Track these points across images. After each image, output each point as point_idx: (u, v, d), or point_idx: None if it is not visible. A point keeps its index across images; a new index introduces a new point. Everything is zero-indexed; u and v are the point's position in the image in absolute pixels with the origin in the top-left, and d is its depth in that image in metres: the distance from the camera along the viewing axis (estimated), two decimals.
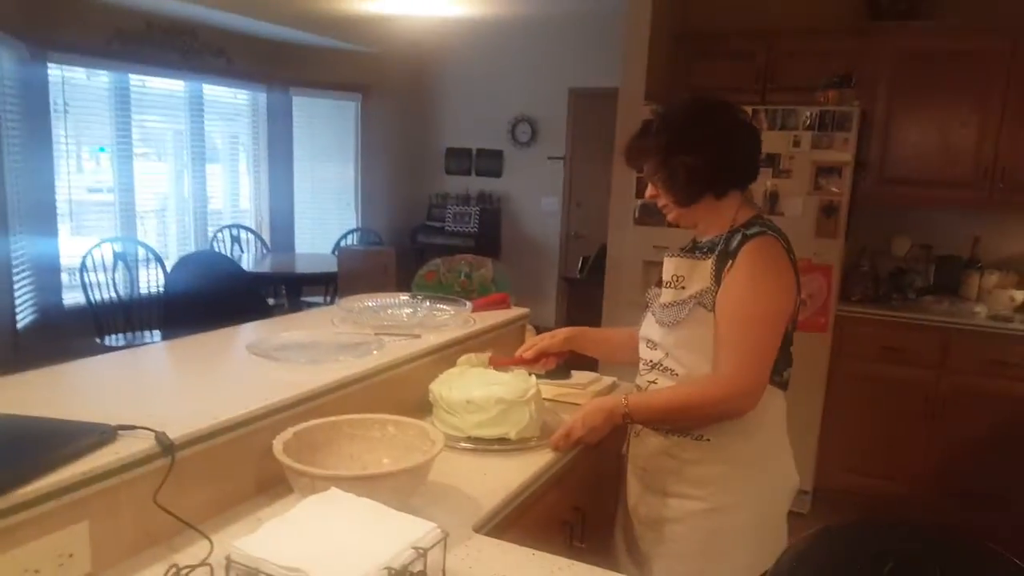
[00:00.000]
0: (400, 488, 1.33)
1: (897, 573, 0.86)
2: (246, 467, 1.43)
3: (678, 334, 1.67)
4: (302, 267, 5.70)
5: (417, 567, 1.04)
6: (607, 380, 2.19)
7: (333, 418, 1.50)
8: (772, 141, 3.62)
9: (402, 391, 1.84)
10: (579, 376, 2.16)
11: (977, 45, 3.77)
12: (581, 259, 5.66)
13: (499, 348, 2.28)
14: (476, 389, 1.74)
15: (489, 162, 7.10)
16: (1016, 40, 3.68)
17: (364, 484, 1.26)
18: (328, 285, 5.54)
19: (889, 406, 3.74)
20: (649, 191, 1.74)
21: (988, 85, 3.76)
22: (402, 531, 1.08)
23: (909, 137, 3.95)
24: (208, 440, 1.31)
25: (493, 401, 1.69)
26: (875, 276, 4.04)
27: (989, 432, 3.58)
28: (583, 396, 2.05)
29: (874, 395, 3.77)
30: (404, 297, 2.36)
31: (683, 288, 1.68)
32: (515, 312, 2.43)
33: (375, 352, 1.80)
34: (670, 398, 1.67)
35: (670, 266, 1.74)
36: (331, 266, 5.43)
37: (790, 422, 1.74)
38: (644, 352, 1.80)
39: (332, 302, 5.41)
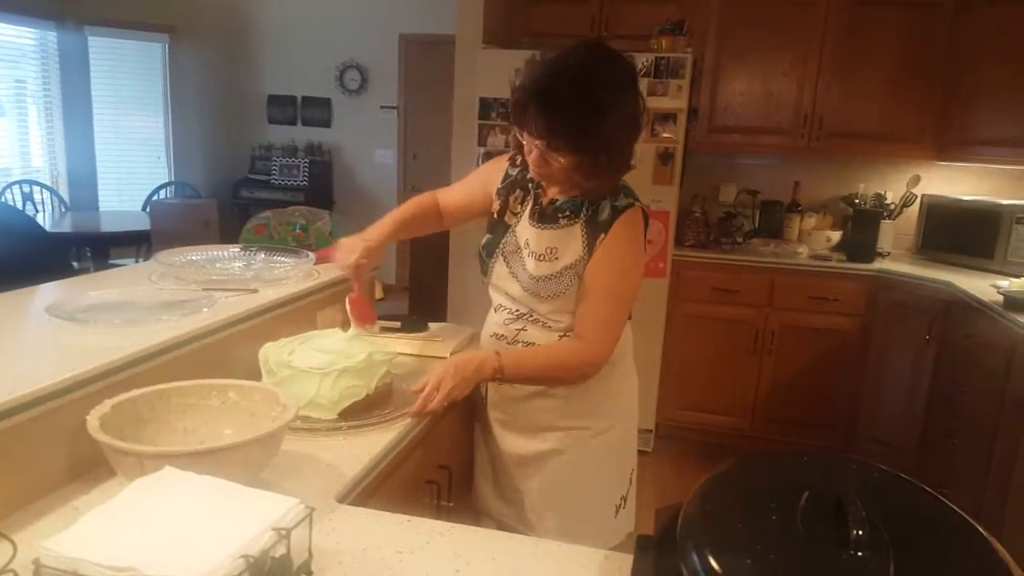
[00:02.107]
0: (248, 462, 1.15)
1: (814, 502, 0.82)
2: (54, 450, 1.20)
3: (553, 303, 1.66)
4: (108, 225, 5.12)
5: (279, 551, 0.88)
6: (466, 330, 2.07)
7: (160, 386, 1.28)
8: None
9: (240, 354, 1.63)
10: (436, 328, 2.03)
11: None
12: None
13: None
14: (284, 350, 1.54)
15: (316, 111, 6.71)
16: None
17: (205, 460, 1.07)
18: (140, 244, 5.02)
19: (723, 344, 3.91)
20: (536, 158, 1.55)
21: (807, 35, 3.93)
22: (257, 510, 0.91)
23: (736, 86, 4.08)
24: (1, 420, 1.07)
25: (283, 365, 1.49)
26: (706, 221, 4.18)
27: (812, 363, 3.83)
28: (443, 348, 1.93)
29: (709, 335, 3.92)
30: (235, 249, 2.11)
31: (556, 259, 1.64)
32: None
33: (206, 310, 1.58)
34: (543, 364, 1.69)
35: (541, 239, 1.66)
36: (143, 223, 4.91)
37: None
38: (503, 300, 1.76)
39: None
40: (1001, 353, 2.80)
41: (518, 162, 1.75)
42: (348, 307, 1.74)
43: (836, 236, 4.10)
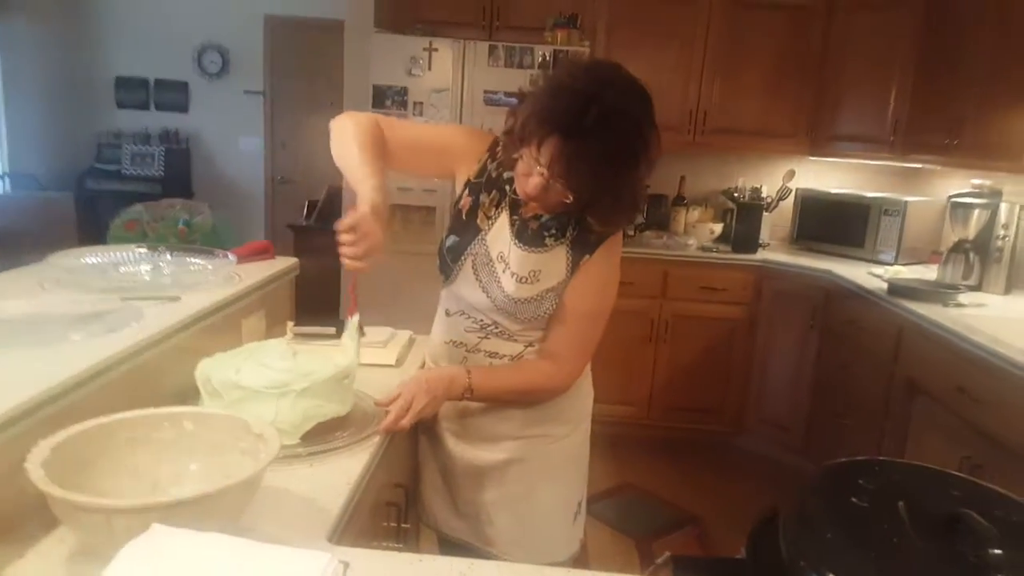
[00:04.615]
0: (234, 506, 0.99)
1: (916, 516, 0.78)
2: None
3: (528, 324, 1.56)
4: None
5: None
6: (403, 334, 1.94)
7: (102, 419, 1.09)
8: (511, 79, 3.56)
9: (169, 374, 1.43)
10: (373, 332, 1.89)
11: None
12: (307, 203, 5.13)
13: (269, 309, 1.92)
14: (230, 368, 1.36)
15: (171, 95, 6.20)
16: None
17: (189, 510, 0.90)
18: None
19: (620, 336, 3.93)
20: (537, 186, 1.36)
21: (691, 33, 4.03)
22: (288, 573, 0.78)
23: None
24: None
25: (231, 386, 1.32)
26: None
27: (704, 351, 3.96)
28: (388, 355, 1.79)
29: (607, 328, 3.94)
30: (139, 251, 1.86)
31: (537, 281, 1.51)
32: (283, 263, 2.05)
33: (135, 323, 1.37)
34: (514, 387, 1.59)
35: (525, 262, 1.51)
36: None
37: None
38: (464, 308, 1.61)
39: None
40: (887, 337, 2.99)
41: (498, 154, 1.56)
42: (351, 291, 1.49)
43: (718, 228, 4.25)
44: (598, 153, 1.29)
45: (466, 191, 1.60)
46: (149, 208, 3.36)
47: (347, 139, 1.47)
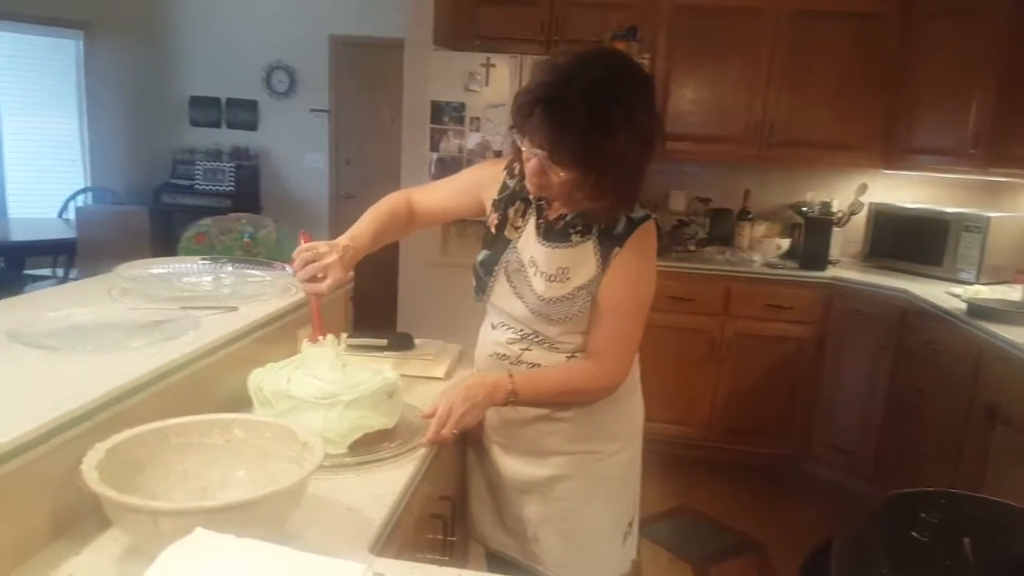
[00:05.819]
0: (278, 513, 1.00)
1: (979, 545, 0.73)
2: (35, 505, 1.02)
3: (563, 325, 1.55)
4: (22, 233, 4.68)
5: None
6: (453, 348, 1.94)
7: (156, 424, 1.11)
8: None
9: (222, 381, 1.46)
10: (423, 345, 1.89)
11: (745, 2, 3.94)
12: None
13: (325, 320, 1.94)
14: (280, 377, 1.38)
15: (242, 113, 6.40)
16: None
17: (233, 515, 0.91)
18: (60, 254, 4.64)
19: (679, 353, 3.87)
20: (534, 168, 1.40)
21: (756, 44, 3.96)
22: None
23: (687, 93, 4.07)
24: None
25: (281, 395, 1.34)
26: (659, 229, 4.15)
27: (768, 371, 3.84)
28: (436, 367, 1.79)
29: (665, 344, 3.86)
30: (202, 262, 1.92)
31: (568, 279, 1.51)
32: None
33: (192, 332, 1.40)
34: (558, 388, 1.57)
35: (552, 259, 1.53)
36: (61, 232, 4.55)
37: None
38: (504, 319, 1.63)
39: (67, 275, 4.56)
40: (967, 359, 2.85)
41: (516, 171, 1.61)
42: (314, 314, 1.55)
43: (785, 244, 4.13)
44: (576, 124, 1.31)
45: (493, 210, 1.64)
46: (217, 222, 3.46)
47: (367, 211, 1.68)
